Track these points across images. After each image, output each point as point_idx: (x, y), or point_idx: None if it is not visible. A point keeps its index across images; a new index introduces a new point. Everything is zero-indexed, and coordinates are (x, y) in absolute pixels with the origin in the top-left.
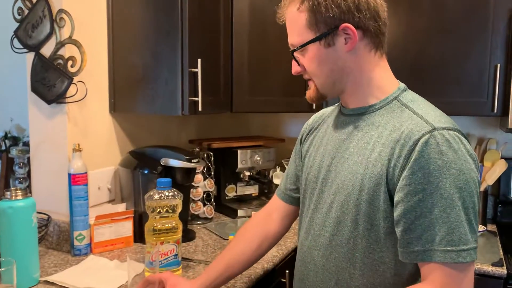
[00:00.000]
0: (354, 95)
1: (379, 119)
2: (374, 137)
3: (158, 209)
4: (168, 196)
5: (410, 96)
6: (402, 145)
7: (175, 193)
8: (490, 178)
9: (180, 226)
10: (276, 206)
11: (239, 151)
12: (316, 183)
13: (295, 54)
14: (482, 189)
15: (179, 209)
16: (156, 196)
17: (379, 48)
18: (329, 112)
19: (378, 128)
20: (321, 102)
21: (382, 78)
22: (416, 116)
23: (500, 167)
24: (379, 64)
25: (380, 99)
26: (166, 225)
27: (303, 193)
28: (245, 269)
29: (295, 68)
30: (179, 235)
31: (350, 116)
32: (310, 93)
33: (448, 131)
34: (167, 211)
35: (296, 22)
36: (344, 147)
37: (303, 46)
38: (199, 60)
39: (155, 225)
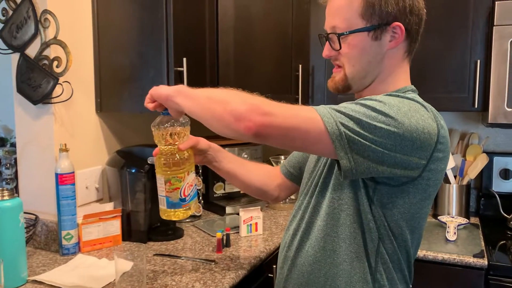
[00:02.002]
0: (374, 90)
1: None
2: None
3: (172, 136)
4: (179, 121)
5: (413, 95)
6: None
7: (184, 117)
8: (472, 172)
9: (192, 152)
10: (279, 174)
11: (226, 149)
12: (311, 168)
13: (332, 37)
14: (465, 182)
15: (189, 135)
16: (167, 123)
17: (410, 53)
18: None
19: None
20: (345, 92)
21: (400, 79)
22: None
23: (482, 161)
24: (405, 68)
25: (386, 92)
26: (185, 153)
27: (304, 177)
28: (239, 176)
29: (328, 51)
30: (193, 161)
31: None
32: (336, 81)
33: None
34: (180, 138)
35: (347, 7)
36: None
37: (353, 32)
38: (185, 59)
39: (176, 155)
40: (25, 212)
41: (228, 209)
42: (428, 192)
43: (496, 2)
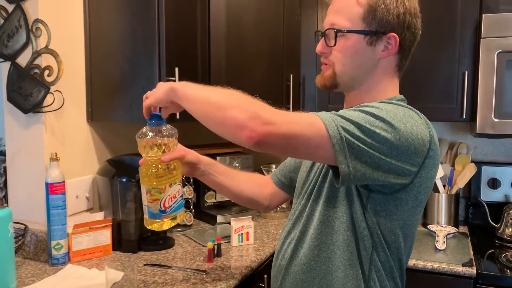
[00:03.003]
0: (360, 97)
1: None
2: None
3: (156, 148)
4: (165, 132)
5: (404, 104)
6: None
7: (170, 129)
8: (461, 181)
9: (180, 164)
10: (270, 183)
11: (218, 158)
12: (304, 176)
13: (329, 33)
14: (453, 191)
15: (176, 146)
16: (150, 133)
17: (400, 68)
18: None
19: None
20: (332, 89)
21: (390, 92)
22: None
23: (470, 170)
24: (395, 81)
25: (374, 101)
26: (170, 165)
27: (297, 185)
28: (229, 187)
29: (321, 47)
30: (180, 173)
31: None
32: (324, 77)
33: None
34: (163, 150)
35: (350, 8)
36: None
37: (351, 31)
38: (177, 68)
39: (158, 166)
40: (14, 222)
41: (219, 218)
42: (420, 199)
43: (483, 15)
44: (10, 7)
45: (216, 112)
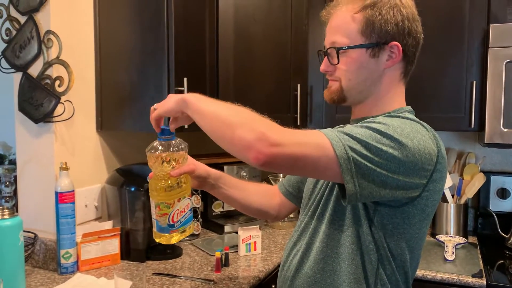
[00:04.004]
0: (367, 109)
1: None
2: None
3: (166, 162)
4: (175, 147)
5: (411, 116)
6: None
7: (180, 143)
8: (470, 191)
9: (189, 178)
10: (278, 193)
11: (225, 167)
12: (311, 187)
13: (331, 51)
14: (462, 201)
15: (186, 160)
16: (160, 148)
17: (406, 75)
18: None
19: None
20: (340, 104)
21: (397, 100)
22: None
23: (479, 180)
24: (401, 89)
25: (382, 112)
26: (179, 179)
27: (304, 196)
28: (239, 200)
29: (325, 66)
30: (190, 187)
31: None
32: (332, 91)
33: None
34: (172, 166)
35: (347, 24)
36: None
37: (352, 47)
38: (185, 79)
39: (168, 181)
40: (24, 231)
41: (227, 228)
42: (427, 212)
43: (491, 25)
44: (22, 19)
45: (225, 130)
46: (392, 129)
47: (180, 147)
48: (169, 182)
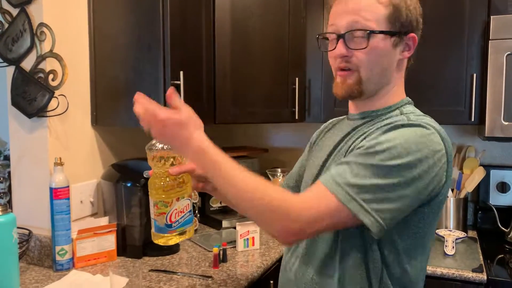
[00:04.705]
0: (373, 101)
1: (377, 121)
2: (365, 132)
3: (165, 160)
4: None
5: (411, 109)
6: (376, 128)
7: None
8: (470, 185)
9: (190, 178)
10: None
11: None
12: (311, 180)
13: (357, 34)
14: (462, 196)
15: (187, 159)
16: (160, 145)
17: (407, 68)
18: (338, 120)
19: (371, 128)
20: (355, 99)
21: (400, 92)
22: (404, 116)
23: (479, 174)
24: (402, 82)
25: (384, 106)
26: (179, 178)
27: (302, 190)
28: None
29: (345, 50)
30: (190, 187)
31: (354, 120)
32: (349, 85)
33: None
34: (172, 163)
35: (374, 8)
36: (339, 147)
37: (383, 32)
38: (181, 72)
39: (167, 179)
40: (18, 227)
41: (225, 223)
42: (440, 208)
43: (491, 17)
44: (14, 11)
45: (248, 210)
46: (398, 154)
47: None
48: (168, 180)
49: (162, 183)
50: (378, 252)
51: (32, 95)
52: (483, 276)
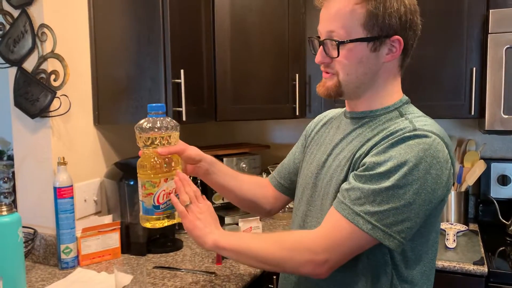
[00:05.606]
0: (366, 101)
1: (377, 124)
2: (367, 137)
3: (153, 140)
4: (164, 125)
5: (411, 109)
6: (382, 137)
7: (172, 122)
8: (470, 179)
9: (179, 160)
10: (270, 185)
11: (225, 159)
12: (311, 178)
13: (330, 43)
14: (463, 189)
15: (177, 141)
16: (149, 125)
17: (402, 67)
18: (335, 113)
19: (373, 131)
20: (336, 98)
21: (394, 92)
22: (407, 122)
23: (480, 167)
24: (398, 80)
25: (382, 106)
26: (167, 159)
27: (299, 187)
28: (233, 189)
29: (321, 58)
30: (179, 169)
31: (352, 119)
32: (328, 87)
33: (429, 133)
34: (162, 143)
35: (348, 15)
36: (339, 146)
37: (353, 41)
38: (182, 70)
39: (155, 159)
40: (23, 227)
41: (227, 219)
42: (443, 206)
43: (490, 10)
44: (15, 13)
45: (277, 266)
46: (409, 172)
47: (170, 125)
48: (156, 160)
49: (149, 162)
50: (387, 251)
51: (35, 96)
52: (484, 269)
